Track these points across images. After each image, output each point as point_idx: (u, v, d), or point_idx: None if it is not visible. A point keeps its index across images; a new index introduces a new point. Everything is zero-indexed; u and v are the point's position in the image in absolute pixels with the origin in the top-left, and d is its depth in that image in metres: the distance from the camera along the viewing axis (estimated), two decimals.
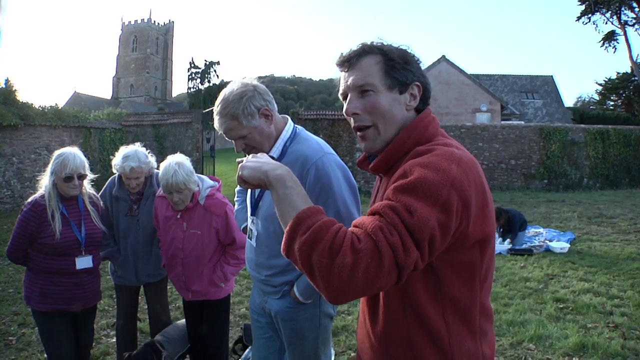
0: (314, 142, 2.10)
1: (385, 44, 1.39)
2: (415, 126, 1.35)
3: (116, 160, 3.28)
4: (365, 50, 1.38)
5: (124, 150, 3.32)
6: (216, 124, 2.04)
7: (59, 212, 2.86)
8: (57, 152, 2.94)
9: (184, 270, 3.05)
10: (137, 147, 3.35)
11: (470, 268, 1.27)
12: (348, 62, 1.39)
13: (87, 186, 3.06)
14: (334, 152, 2.11)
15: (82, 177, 2.92)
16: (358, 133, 1.41)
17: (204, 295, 3.09)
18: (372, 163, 1.42)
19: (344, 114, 1.41)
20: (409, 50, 1.40)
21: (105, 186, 3.47)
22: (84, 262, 2.93)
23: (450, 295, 1.26)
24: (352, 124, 1.41)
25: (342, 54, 1.42)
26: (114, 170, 3.35)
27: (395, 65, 1.35)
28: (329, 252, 1.06)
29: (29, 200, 2.92)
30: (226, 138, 2.07)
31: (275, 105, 2.10)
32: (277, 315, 2.16)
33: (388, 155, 1.36)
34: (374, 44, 1.39)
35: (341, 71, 1.43)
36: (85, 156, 2.97)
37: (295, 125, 2.16)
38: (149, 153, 3.42)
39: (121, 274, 3.47)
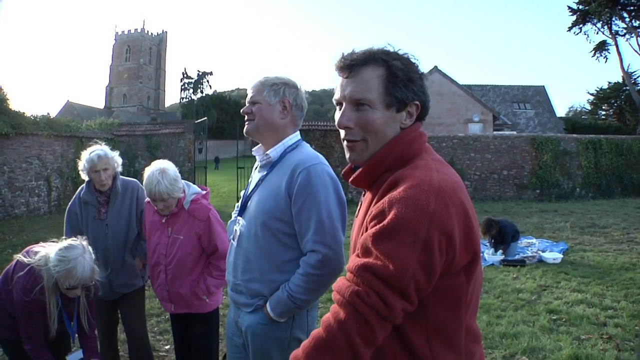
0: (312, 152, 2.12)
1: (392, 52, 1.30)
2: (399, 142, 1.28)
3: (82, 160, 3.25)
4: (368, 59, 1.28)
5: (86, 151, 3.30)
6: (250, 87, 2.15)
7: (57, 309, 2.64)
8: (62, 249, 2.58)
9: (167, 279, 2.99)
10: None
11: (456, 293, 1.22)
12: (348, 69, 1.29)
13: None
14: (329, 164, 2.10)
15: (88, 288, 2.72)
16: (346, 143, 1.35)
17: (187, 307, 3.02)
18: (352, 177, 1.37)
19: (336, 124, 1.34)
20: (414, 63, 1.31)
21: (75, 195, 3.43)
22: (73, 358, 2.91)
23: (434, 320, 1.21)
24: (342, 135, 1.35)
25: (343, 55, 1.32)
26: (81, 172, 3.30)
27: (398, 83, 1.27)
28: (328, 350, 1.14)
29: (21, 281, 2.59)
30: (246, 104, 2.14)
31: (300, 120, 2.19)
32: (247, 331, 2.07)
33: (368, 170, 1.31)
34: (380, 51, 1.30)
35: (339, 76, 1.33)
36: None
37: (302, 139, 2.19)
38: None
39: None
